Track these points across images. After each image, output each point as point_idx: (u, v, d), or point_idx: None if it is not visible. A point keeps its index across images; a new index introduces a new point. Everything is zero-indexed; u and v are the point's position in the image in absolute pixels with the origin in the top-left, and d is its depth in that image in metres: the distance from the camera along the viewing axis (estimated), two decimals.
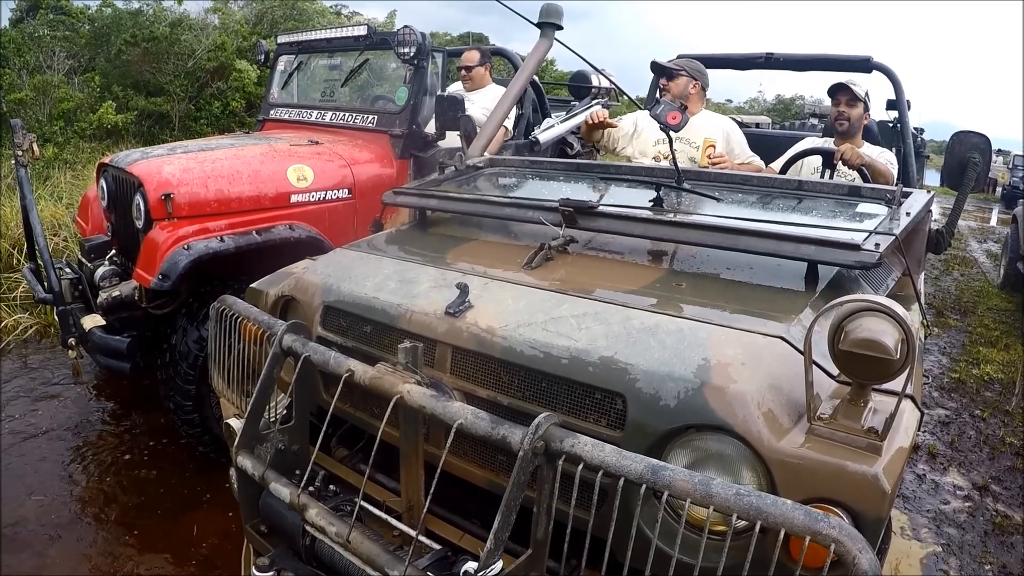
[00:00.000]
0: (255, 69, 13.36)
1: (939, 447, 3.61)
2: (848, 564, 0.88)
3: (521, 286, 1.63)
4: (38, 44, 11.69)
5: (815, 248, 1.55)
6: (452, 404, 1.25)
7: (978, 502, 3.09)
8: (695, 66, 3.12)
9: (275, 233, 3.09)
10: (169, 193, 2.90)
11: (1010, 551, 2.75)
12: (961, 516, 2.98)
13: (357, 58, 3.98)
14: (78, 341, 3.07)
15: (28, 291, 4.50)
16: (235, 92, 13.52)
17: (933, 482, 3.28)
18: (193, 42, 13.00)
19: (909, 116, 3.37)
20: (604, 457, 1.07)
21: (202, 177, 3.03)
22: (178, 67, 12.90)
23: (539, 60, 2.91)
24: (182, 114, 13.07)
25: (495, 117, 2.83)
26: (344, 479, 1.71)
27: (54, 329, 4.44)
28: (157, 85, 12.93)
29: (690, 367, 1.27)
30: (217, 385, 1.86)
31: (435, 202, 2.23)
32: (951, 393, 4.32)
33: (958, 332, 5.65)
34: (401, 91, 3.74)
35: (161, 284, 2.73)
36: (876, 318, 1.12)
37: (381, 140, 3.66)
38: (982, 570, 2.65)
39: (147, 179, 2.96)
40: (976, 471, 3.36)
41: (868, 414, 1.16)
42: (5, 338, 4.37)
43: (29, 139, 3.26)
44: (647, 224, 1.83)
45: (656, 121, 1.97)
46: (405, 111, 3.62)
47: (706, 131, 3.05)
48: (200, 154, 3.21)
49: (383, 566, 1.23)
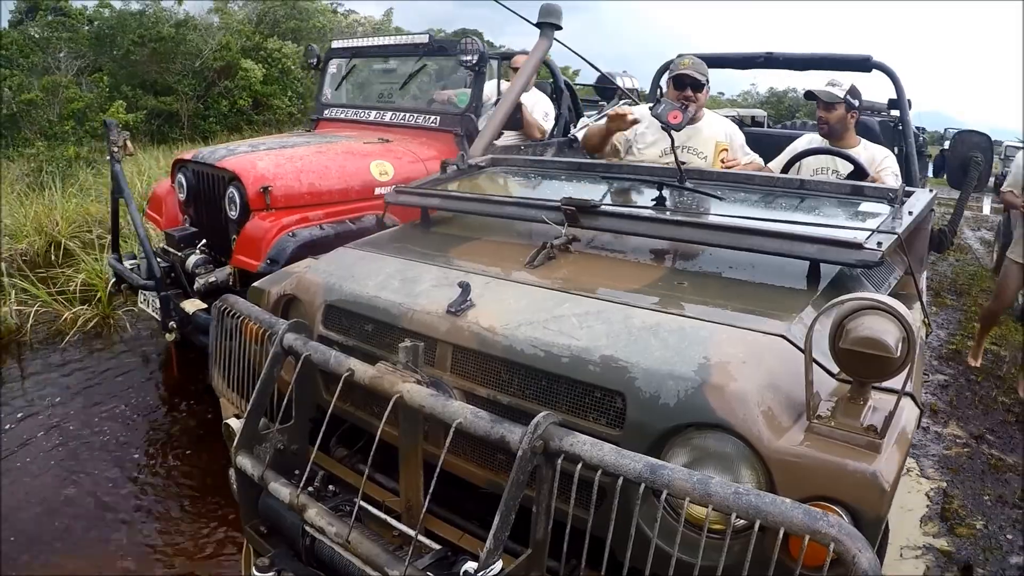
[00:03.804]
0: (260, 68, 13.54)
1: (940, 405, 3.98)
2: (847, 563, 0.87)
3: (523, 285, 1.62)
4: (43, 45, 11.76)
5: (817, 247, 1.54)
6: (451, 403, 1.25)
7: (975, 448, 3.50)
8: (707, 69, 2.91)
9: (365, 222, 3.39)
10: (267, 186, 3.21)
11: (1005, 485, 3.16)
12: (961, 459, 3.39)
13: (416, 63, 4.30)
14: (178, 324, 3.33)
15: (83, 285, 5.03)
16: (241, 91, 13.68)
17: (936, 433, 3.65)
18: (199, 42, 13.13)
19: (910, 114, 3.34)
20: (603, 456, 1.06)
21: (295, 172, 3.35)
22: (185, 66, 13.06)
23: (539, 60, 2.92)
24: (191, 113, 13.23)
25: (497, 117, 2.84)
26: (343, 479, 1.71)
27: (112, 320, 4.81)
28: (165, 84, 13.07)
29: (690, 366, 1.26)
30: (217, 385, 1.86)
31: (437, 201, 2.23)
32: (949, 361, 4.68)
33: (954, 311, 6.04)
34: (463, 95, 4.10)
35: (270, 268, 2.93)
36: (877, 316, 1.12)
37: (445, 138, 3.98)
38: (981, 500, 3.05)
39: (244, 173, 3.25)
40: (973, 424, 3.75)
41: (868, 412, 1.16)
42: (68, 330, 4.61)
43: (123, 137, 3.51)
44: (649, 223, 1.83)
45: (658, 120, 1.97)
46: (468, 112, 3.94)
47: (713, 136, 3.01)
48: (284, 151, 3.54)
49: (383, 566, 1.23)
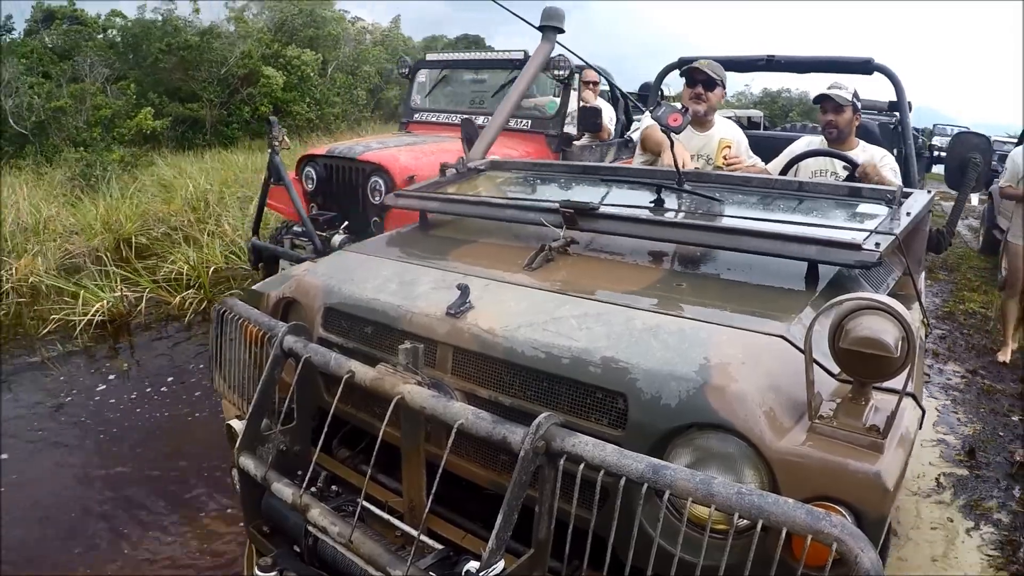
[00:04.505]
0: (281, 75, 13.89)
1: (940, 350, 5.00)
2: (850, 563, 0.88)
3: (522, 287, 1.63)
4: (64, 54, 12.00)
5: (816, 248, 1.55)
6: (453, 404, 1.25)
7: (971, 379, 4.48)
8: (724, 72, 2.83)
9: None
10: (412, 175, 3.71)
11: (996, 403, 4.15)
12: (961, 386, 4.38)
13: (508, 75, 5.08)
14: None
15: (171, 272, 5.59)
16: (263, 97, 14.00)
17: (939, 369, 4.64)
18: (224, 50, 13.35)
19: (910, 116, 3.36)
20: (605, 456, 1.07)
21: (429, 164, 3.71)
22: (211, 74, 13.32)
23: (541, 63, 2.92)
24: (215, 119, 13.50)
25: (496, 120, 2.84)
26: (346, 480, 1.71)
27: (209, 302, 5.28)
28: (189, 91, 13.31)
29: (691, 367, 1.27)
30: (219, 387, 1.86)
31: (436, 204, 2.23)
32: (944, 320, 5.74)
33: (946, 283, 7.05)
34: (551, 103, 4.96)
35: None
36: (877, 316, 1.12)
37: (537, 139, 4.75)
38: (979, 411, 3.97)
39: (390, 165, 3.89)
40: (967, 364, 4.76)
41: (869, 412, 1.16)
42: (176, 313, 5.17)
43: (282, 132, 4.11)
44: (647, 225, 1.83)
45: (658, 123, 1.97)
46: (557, 117, 4.73)
47: (721, 135, 3.02)
48: (413, 147, 4.26)
49: (385, 566, 1.23)
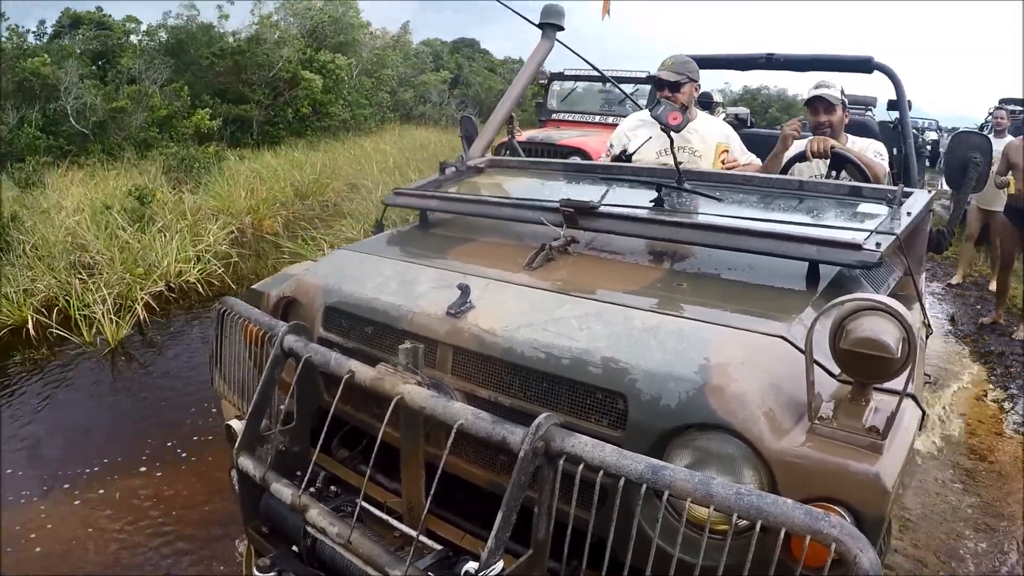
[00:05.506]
0: (319, 78, 14.58)
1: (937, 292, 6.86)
2: (849, 563, 0.88)
3: (522, 287, 1.62)
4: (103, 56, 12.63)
5: (816, 248, 1.54)
6: (452, 404, 1.25)
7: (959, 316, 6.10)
8: (691, 67, 2.96)
9: None
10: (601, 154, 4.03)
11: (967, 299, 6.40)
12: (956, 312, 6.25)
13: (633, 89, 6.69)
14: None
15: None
16: (303, 99, 14.55)
17: (939, 307, 6.30)
18: (271, 54, 13.97)
19: (909, 115, 3.35)
20: (604, 457, 1.07)
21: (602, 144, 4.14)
22: (260, 77, 13.90)
23: (540, 61, 2.91)
24: (261, 119, 14.06)
25: (495, 119, 2.83)
26: (345, 480, 1.71)
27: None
28: (237, 93, 13.85)
29: (691, 367, 1.26)
30: (219, 386, 1.86)
31: (436, 203, 2.23)
32: (932, 282, 7.18)
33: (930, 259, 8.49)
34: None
35: None
36: (877, 317, 1.12)
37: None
38: (955, 303, 6.07)
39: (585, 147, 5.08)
40: (956, 305, 6.47)
41: (869, 413, 1.16)
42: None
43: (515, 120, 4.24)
44: (648, 224, 1.83)
45: (657, 122, 1.97)
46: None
47: (711, 136, 3.01)
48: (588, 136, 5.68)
49: (384, 566, 1.23)
